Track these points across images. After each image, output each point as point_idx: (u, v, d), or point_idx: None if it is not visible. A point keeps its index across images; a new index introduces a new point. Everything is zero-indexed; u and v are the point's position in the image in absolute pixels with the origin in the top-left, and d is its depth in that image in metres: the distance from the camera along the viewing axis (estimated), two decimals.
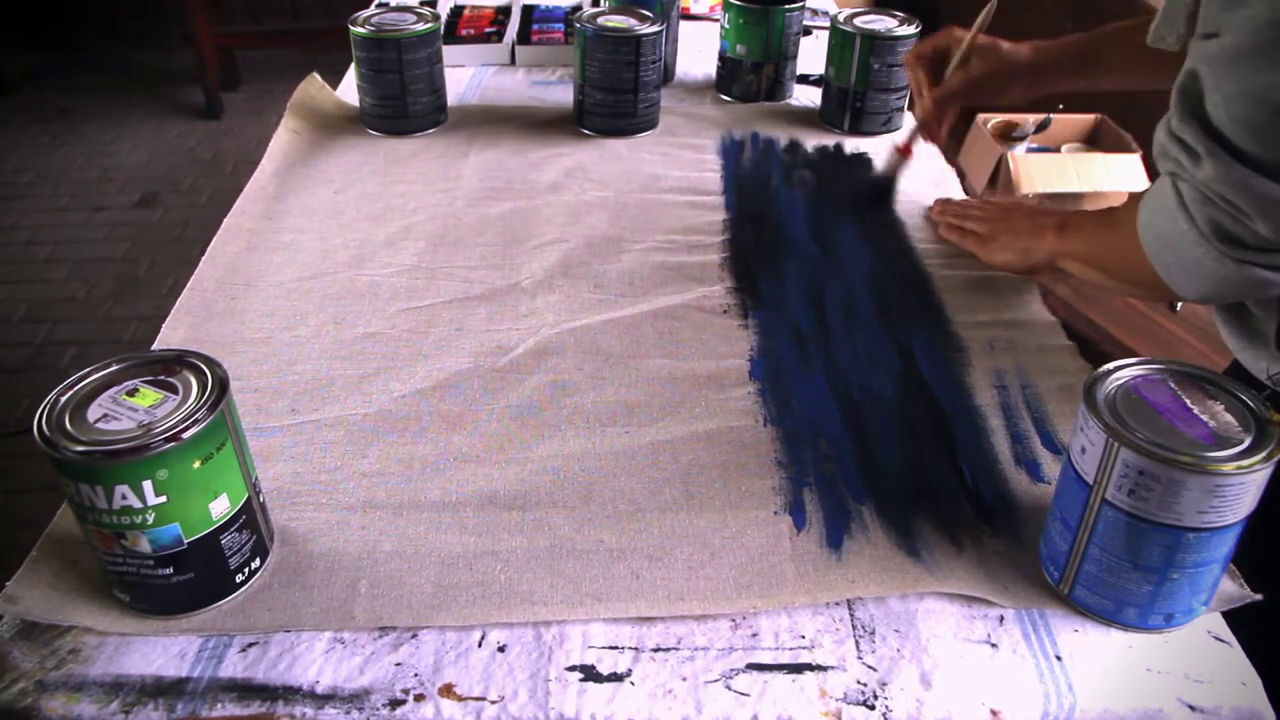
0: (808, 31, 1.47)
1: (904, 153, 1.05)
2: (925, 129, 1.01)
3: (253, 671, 0.56)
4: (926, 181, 1.10)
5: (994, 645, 0.58)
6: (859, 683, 0.56)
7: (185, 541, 0.55)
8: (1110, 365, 0.59)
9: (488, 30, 1.46)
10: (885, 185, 1.06)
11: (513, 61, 1.43)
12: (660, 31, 1.15)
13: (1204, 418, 0.55)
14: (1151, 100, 0.92)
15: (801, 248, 0.97)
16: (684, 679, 0.56)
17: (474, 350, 0.82)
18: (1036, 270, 0.90)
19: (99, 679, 0.55)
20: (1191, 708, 0.55)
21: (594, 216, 1.02)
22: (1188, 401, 0.56)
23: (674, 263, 0.94)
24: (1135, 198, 0.72)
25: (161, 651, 0.57)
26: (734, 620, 0.60)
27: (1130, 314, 1.69)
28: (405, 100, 1.17)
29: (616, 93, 1.17)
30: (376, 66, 1.14)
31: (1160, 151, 0.66)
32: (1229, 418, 0.55)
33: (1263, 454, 0.52)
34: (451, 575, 0.61)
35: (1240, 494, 0.53)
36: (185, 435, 0.53)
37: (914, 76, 1.02)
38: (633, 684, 0.56)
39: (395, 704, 0.54)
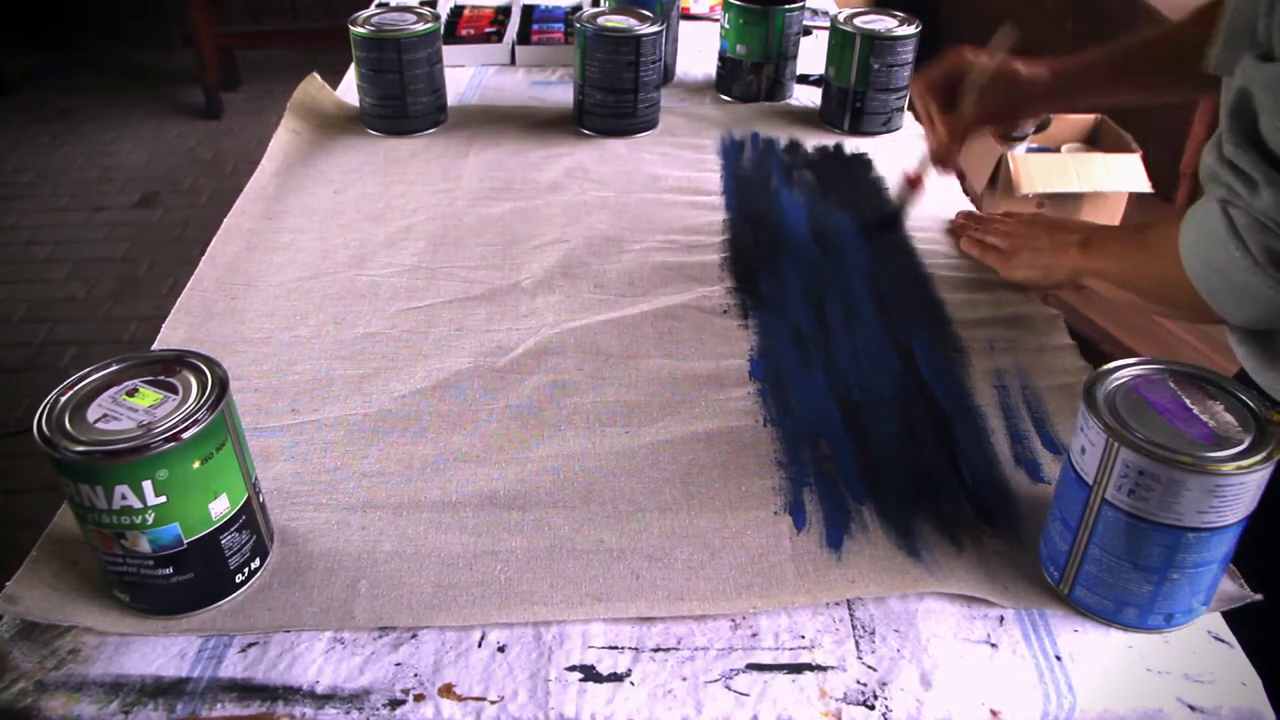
0: (808, 31, 1.47)
1: (915, 184, 1.00)
2: (939, 159, 0.96)
3: (253, 671, 0.56)
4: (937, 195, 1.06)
5: (994, 645, 0.58)
6: (859, 683, 0.56)
7: (185, 541, 0.55)
8: (1110, 365, 0.59)
9: (488, 30, 1.46)
10: (894, 216, 1.02)
11: (513, 61, 1.43)
12: (660, 31, 1.15)
13: (1204, 418, 0.55)
14: None
15: (801, 248, 0.97)
16: (684, 679, 0.56)
17: (474, 350, 0.82)
18: (1058, 287, 0.89)
19: (99, 679, 0.55)
20: (1191, 708, 0.55)
21: (594, 216, 1.02)
22: (1188, 401, 0.56)
23: (674, 263, 0.94)
24: (1169, 219, 0.69)
25: (161, 651, 0.57)
26: (734, 620, 0.60)
27: (1130, 314, 1.69)
28: (405, 100, 1.17)
29: (616, 93, 1.17)
30: (376, 66, 1.14)
31: (1209, 176, 0.64)
32: (1229, 418, 0.55)
33: (1263, 454, 0.52)
34: (451, 575, 0.61)
35: (1240, 494, 0.53)
36: (185, 435, 0.53)
37: (924, 105, 0.96)
38: (633, 684, 0.56)
39: (395, 704, 0.54)
